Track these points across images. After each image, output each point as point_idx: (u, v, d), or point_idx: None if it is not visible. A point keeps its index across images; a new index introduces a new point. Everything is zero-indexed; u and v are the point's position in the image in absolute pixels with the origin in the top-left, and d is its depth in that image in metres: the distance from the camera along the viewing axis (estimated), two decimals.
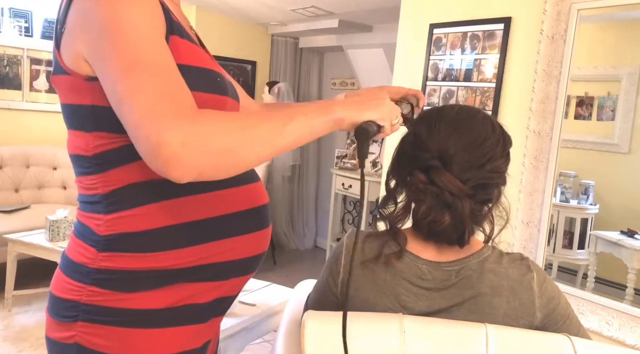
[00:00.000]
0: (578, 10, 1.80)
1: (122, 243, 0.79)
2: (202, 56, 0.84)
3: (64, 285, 0.82)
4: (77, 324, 0.79)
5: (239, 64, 4.56)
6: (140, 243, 0.79)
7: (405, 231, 0.96)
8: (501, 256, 0.93)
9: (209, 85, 0.82)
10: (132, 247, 0.79)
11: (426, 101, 2.35)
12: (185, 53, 0.79)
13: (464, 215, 0.86)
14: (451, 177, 0.86)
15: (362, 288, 0.93)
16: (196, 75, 0.79)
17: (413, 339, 0.83)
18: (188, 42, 0.81)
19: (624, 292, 1.81)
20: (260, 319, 1.90)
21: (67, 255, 0.85)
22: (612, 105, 1.89)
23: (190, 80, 0.73)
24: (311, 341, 0.83)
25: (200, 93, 0.77)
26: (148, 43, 0.71)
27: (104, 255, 0.79)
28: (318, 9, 3.70)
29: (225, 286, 0.88)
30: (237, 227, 0.87)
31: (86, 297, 0.79)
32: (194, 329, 0.85)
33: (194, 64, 0.80)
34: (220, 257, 0.85)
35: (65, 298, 0.81)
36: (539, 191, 1.91)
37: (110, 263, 0.79)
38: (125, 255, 0.79)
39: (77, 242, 0.83)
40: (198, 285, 0.84)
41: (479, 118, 0.92)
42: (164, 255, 0.80)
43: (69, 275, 0.82)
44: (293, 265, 4.42)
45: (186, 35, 0.82)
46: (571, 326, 0.92)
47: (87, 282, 0.79)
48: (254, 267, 0.93)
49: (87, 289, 0.79)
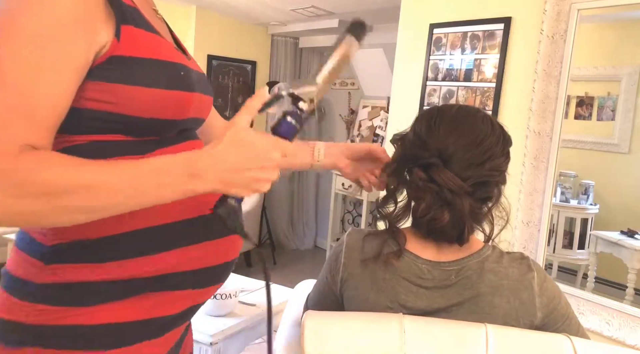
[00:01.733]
0: (578, 10, 1.80)
1: (72, 252, 0.69)
2: (162, 47, 0.73)
3: (7, 304, 0.70)
4: (27, 351, 0.68)
5: (239, 64, 4.56)
6: (94, 252, 0.69)
7: (404, 230, 0.96)
8: (501, 255, 0.93)
9: (170, 81, 0.72)
10: (84, 257, 0.69)
11: (426, 101, 2.35)
12: (140, 44, 0.69)
13: (463, 212, 0.86)
14: (451, 175, 0.86)
15: (361, 287, 0.93)
16: (155, 70, 0.70)
17: (413, 339, 0.83)
18: (145, 32, 0.71)
19: (624, 292, 1.81)
20: (260, 319, 1.90)
21: (7, 270, 0.73)
22: (612, 105, 1.90)
23: (148, 76, 0.68)
24: (311, 341, 0.83)
25: (160, 91, 0.69)
26: (25, 48, 0.59)
27: (52, 267, 0.69)
28: (318, 9, 3.70)
29: (196, 294, 0.80)
30: (202, 232, 0.78)
31: (34, 317, 0.68)
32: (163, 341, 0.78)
33: (151, 57, 0.70)
34: (186, 265, 0.76)
35: (9, 320, 0.69)
36: (539, 191, 1.91)
37: (60, 277, 0.69)
38: (78, 266, 0.69)
39: (20, 254, 0.73)
40: (168, 294, 0.75)
41: (478, 117, 0.92)
42: (124, 264, 0.70)
43: (12, 292, 0.71)
44: (293, 265, 4.43)
45: (144, 24, 0.72)
46: (571, 326, 0.92)
47: (33, 300, 0.69)
48: (224, 276, 0.85)
49: (33, 308, 0.68)
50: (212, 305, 1.77)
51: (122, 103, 0.67)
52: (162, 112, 0.71)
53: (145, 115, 0.69)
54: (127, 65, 0.67)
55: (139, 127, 0.70)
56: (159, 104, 0.69)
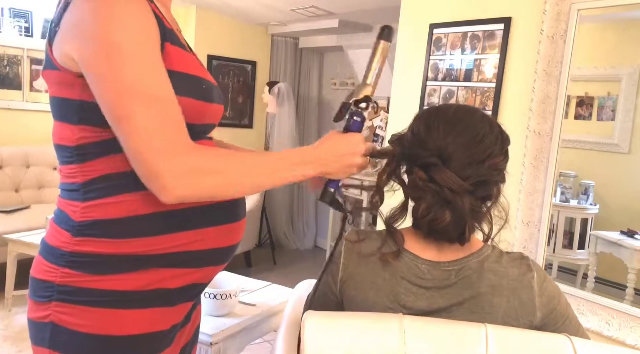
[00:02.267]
0: (578, 10, 1.80)
1: (95, 229, 0.83)
2: (192, 63, 0.88)
3: (41, 267, 0.86)
4: (52, 304, 0.83)
5: (239, 64, 4.55)
6: (112, 230, 0.83)
7: (404, 230, 0.96)
8: (501, 255, 0.93)
9: (195, 92, 0.86)
10: (104, 233, 0.83)
11: (426, 101, 2.35)
12: (177, 60, 0.84)
13: (464, 211, 0.86)
14: (451, 174, 0.86)
15: (361, 287, 0.93)
16: (184, 82, 0.84)
17: (413, 339, 0.83)
18: (180, 49, 0.86)
19: (624, 292, 1.81)
20: (260, 319, 1.90)
21: (44, 239, 0.89)
22: (612, 105, 1.89)
23: (178, 86, 0.80)
24: (311, 341, 0.83)
25: (186, 98, 0.82)
26: (144, 64, 0.76)
27: (77, 239, 0.83)
28: (318, 9, 3.70)
29: (196, 273, 0.91)
30: (211, 218, 0.90)
31: (60, 278, 0.83)
32: (162, 311, 0.88)
33: (183, 71, 0.85)
34: (192, 246, 0.88)
35: (41, 279, 0.85)
36: (539, 191, 1.91)
37: (83, 248, 0.82)
38: (98, 240, 0.82)
39: (55, 227, 0.87)
40: (169, 271, 0.87)
41: (477, 117, 0.92)
42: (136, 241, 0.83)
43: (45, 257, 0.86)
44: (293, 265, 4.42)
45: (177, 42, 0.86)
46: (570, 326, 0.92)
47: (61, 264, 0.83)
48: (226, 258, 0.96)
49: (60, 270, 0.83)
50: (212, 305, 1.77)
51: None
52: (185, 117, 0.81)
53: None
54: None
55: None
56: (184, 109, 0.80)
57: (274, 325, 1.96)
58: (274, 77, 4.73)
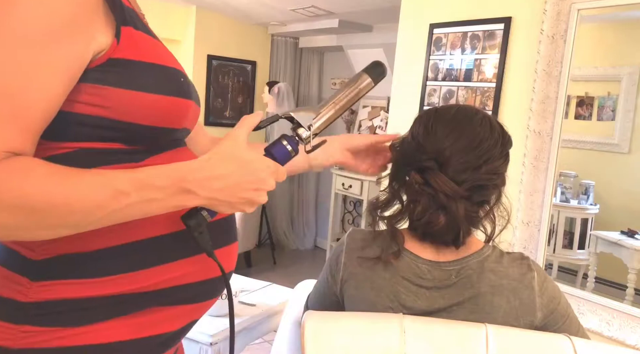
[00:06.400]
0: (578, 10, 1.80)
1: (63, 267, 0.64)
2: (162, 51, 0.70)
3: None
4: None
5: (239, 64, 4.56)
6: (86, 267, 0.64)
7: (403, 231, 0.96)
8: (501, 255, 0.93)
9: (172, 87, 0.68)
10: (77, 272, 0.64)
11: (426, 101, 2.35)
12: (145, 49, 0.66)
13: (458, 216, 0.86)
14: (445, 179, 0.86)
15: (361, 287, 0.93)
16: (158, 75, 0.66)
17: (413, 339, 0.83)
18: (145, 35, 0.67)
19: (624, 292, 1.81)
20: (260, 319, 1.90)
21: None
22: (612, 105, 1.89)
23: (149, 81, 0.64)
24: (311, 341, 0.83)
25: (161, 97, 0.66)
26: (16, 50, 0.56)
27: (39, 284, 0.63)
28: (318, 9, 3.70)
29: (192, 310, 0.74)
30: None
31: (20, 340, 0.62)
32: None
33: (155, 62, 0.67)
34: (183, 279, 0.70)
35: None
36: (539, 191, 1.91)
37: (49, 294, 0.63)
38: (67, 282, 0.63)
39: (2, 272, 0.66)
40: (167, 310, 0.70)
41: (477, 119, 0.91)
42: (117, 278, 0.65)
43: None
44: (293, 265, 4.42)
45: (142, 26, 0.68)
46: (571, 326, 0.92)
47: (19, 321, 0.62)
48: (222, 288, 0.79)
49: (18, 329, 0.62)
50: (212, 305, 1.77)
51: (118, 108, 0.63)
52: (160, 120, 0.66)
53: (142, 122, 0.65)
54: (126, 68, 0.63)
55: (133, 134, 0.66)
56: (158, 111, 0.65)
57: (274, 325, 1.96)
58: (273, 77, 4.73)
